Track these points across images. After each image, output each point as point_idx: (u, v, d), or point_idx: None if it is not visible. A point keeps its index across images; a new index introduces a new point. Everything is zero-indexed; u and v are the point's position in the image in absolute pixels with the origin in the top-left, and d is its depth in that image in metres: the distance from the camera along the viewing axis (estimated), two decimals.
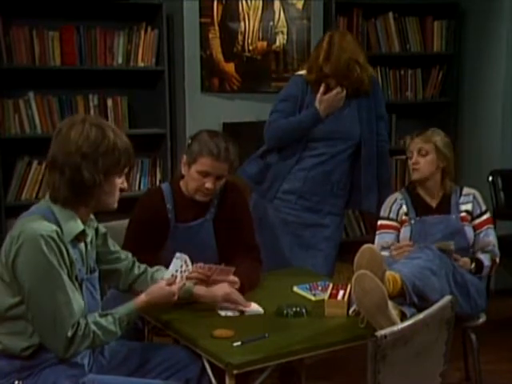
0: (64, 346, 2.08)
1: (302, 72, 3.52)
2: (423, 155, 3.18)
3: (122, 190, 2.26)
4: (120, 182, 2.24)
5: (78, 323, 2.10)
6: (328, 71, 3.34)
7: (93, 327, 2.13)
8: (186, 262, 2.42)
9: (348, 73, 3.35)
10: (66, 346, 2.09)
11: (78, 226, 2.17)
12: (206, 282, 2.60)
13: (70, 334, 2.08)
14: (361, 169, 3.51)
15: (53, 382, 2.13)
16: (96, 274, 2.30)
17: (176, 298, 2.33)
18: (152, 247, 2.75)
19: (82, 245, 2.23)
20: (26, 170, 4.15)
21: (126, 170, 2.25)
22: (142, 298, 2.28)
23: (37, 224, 2.08)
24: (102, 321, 2.16)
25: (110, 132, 2.16)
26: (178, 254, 2.43)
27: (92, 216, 2.30)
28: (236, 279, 2.66)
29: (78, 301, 2.12)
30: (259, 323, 2.45)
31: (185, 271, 2.40)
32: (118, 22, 4.32)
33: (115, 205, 2.25)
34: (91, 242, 2.30)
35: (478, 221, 3.20)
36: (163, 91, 4.40)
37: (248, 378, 2.52)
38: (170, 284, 2.32)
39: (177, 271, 2.38)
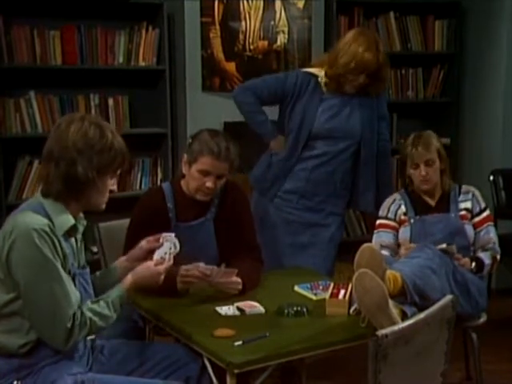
0: (64, 339, 2.09)
1: (312, 70, 3.48)
2: (430, 165, 3.17)
3: (110, 191, 2.25)
4: (111, 183, 2.24)
5: (74, 314, 2.10)
6: (381, 60, 3.30)
7: (88, 314, 2.13)
8: (174, 244, 2.41)
9: (382, 69, 3.36)
10: (66, 338, 2.09)
11: (69, 220, 2.18)
12: (205, 281, 2.61)
13: (69, 325, 2.08)
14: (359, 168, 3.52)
15: (52, 381, 2.13)
16: (87, 270, 2.30)
17: (162, 278, 2.32)
18: None
19: (73, 240, 2.24)
20: (27, 170, 4.15)
21: (119, 171, 2.25)
22: (129, 278, 2.28)
23: (29, 218, 2.09)
24: (95, 307, 2.17)
25: (108, 132, 2.18)
26: (168, 237, 2.42)
27: (81, 215, 2.30)
28: (239, 280, 2.67)
29: (74, 292, 2.13)
30: (260, 323, 2.45)
31: (173, 252, 2.40)
32: (119, 22, 4.32)
33: (103, 205, 2.26)
34: (81, 239, 2.30)
35: (477, 219, 3.20)
36: (164, 91, 4.40)
37: (249, 377, 2.52)
38: (157, 265, 2.33)
39: (166, 253, 2.38)
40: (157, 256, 2.38)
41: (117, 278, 2.37)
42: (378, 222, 3.28)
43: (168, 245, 2.41)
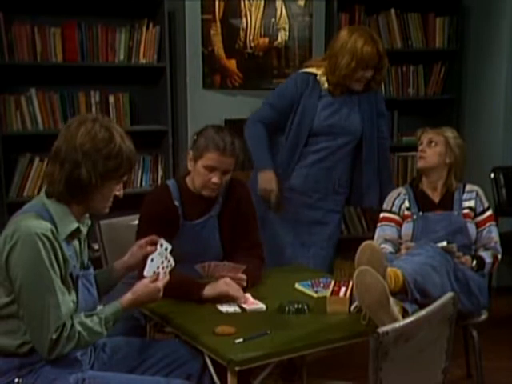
0: (48, 348, 2.06)
1: (310, 69, 3.49)
2: (432, 146, 3.20)
3: (115, 196, 2.23)
4: (117, 188, 2.22)
5: (64, 325, 2.07)
6: (381, 50, 3.33)
7: (78, 328, 2.10)
8: (166, 257, 2.37)
9: (384, 59, 3.38)
10: (51, 348, 2.06)
11: (73, 223, 2.16)
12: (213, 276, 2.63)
13: (54, 336, 2.05)
14: (361, 165, 3.51)
15: (53, 379, 2.12)
16: (91, 270, 2.29)
17: (161, 294, 2.29)
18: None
19: (76, 241, 2.23)
20: (28, 167, 4.15)
21: (125, 178, 2.23)
22: (128, 296, 2.25)
23: (31, 222, 2.07)
24: (88, 321, 2.13)
25: (118, 137, 2.15)
26: (158, 250, 2.37)
27: (86, 215, 2.28)
28: (244, 277, 2.67)
29: (67, 303, 2.10)
30: (261, 320, 2.45)
31: (167, 267, 2.36)
32: (120, 19, 4.32)
33: (106, 210, 2.24)
34: (84, 239, 2.29)
35: (480, 218, 3.20)
36: (165, 88, 4.40)
37: (250, 374, 2.52)
38: (153, 281, 2.28)
39: (158, 268, 2.34)
40: (148, 272, 2.32)
41: (113, 281, 2.39)
42: (382, 215, 3.28)
43: (159, 258, 2.35)
